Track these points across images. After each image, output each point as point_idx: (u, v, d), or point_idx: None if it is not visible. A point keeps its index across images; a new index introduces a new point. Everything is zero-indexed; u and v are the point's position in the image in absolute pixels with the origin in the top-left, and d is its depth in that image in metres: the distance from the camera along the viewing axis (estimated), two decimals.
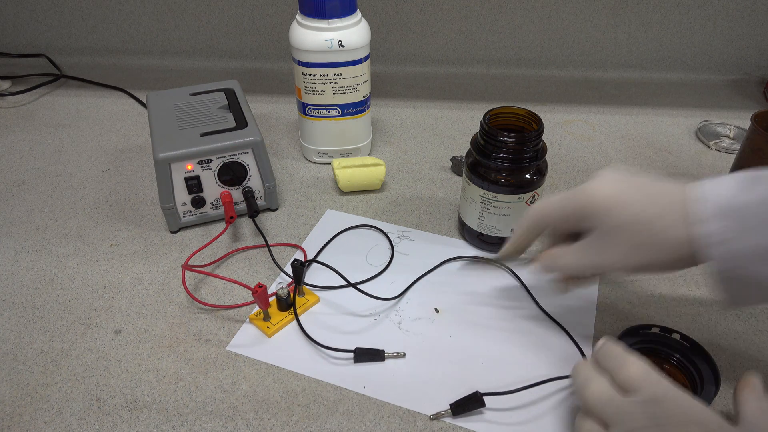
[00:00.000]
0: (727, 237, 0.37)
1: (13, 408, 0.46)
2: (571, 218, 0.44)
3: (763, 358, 0.50)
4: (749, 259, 0.37)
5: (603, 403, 0.37)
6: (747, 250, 0.37)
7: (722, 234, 0.37)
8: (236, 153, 0.61)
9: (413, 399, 0.46)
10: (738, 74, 0.99)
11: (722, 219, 0.38)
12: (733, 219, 0.37)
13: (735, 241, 0.37)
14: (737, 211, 0.37)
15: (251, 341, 0.52)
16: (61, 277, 0.59)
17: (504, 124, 0.58)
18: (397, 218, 0.66)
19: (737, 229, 0.37)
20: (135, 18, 1.02)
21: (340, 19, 0.65)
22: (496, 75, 1.00)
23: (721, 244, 0.37)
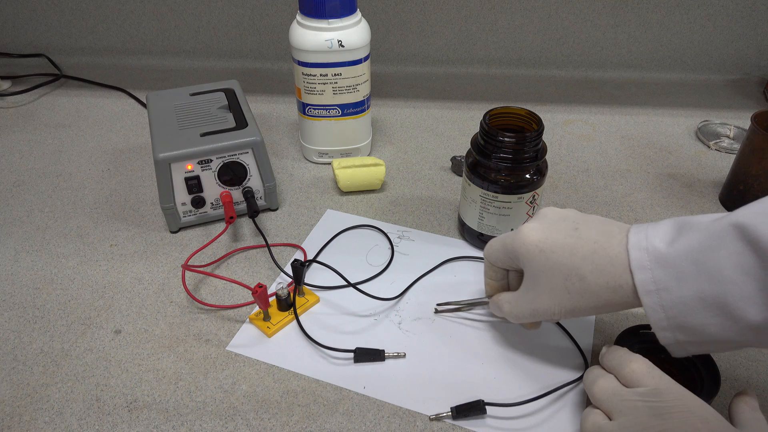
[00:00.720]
0: (664, 285, 0.37)
1: (13, 408, 0.46)
2: (510, 260, 0.46)
3: (763, 358, 0.50)
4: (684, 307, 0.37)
5: (608, 395, 0.39)
6: (682, 298, 0.36)
7: (659, 282, 0.37)
8: (236, 153, 0.61)
9: (413, 399, 0.46)
10: (738, 74, 0.99)
11: (657, 267, 0.37)
12: (666, 268, 0.37)
13: (671, 290, 0.37)
14: (670, 261, 0.37)
15: (251, 341, 0.52)
16: (61, 277, 0.59)
17: (504, 124, 0.58)
18: (397, 218, 0.66)
19: (671, 277, 0.37)
20: (135, 18, 1.02)
21: (340, 19, 0.65)
22: (496, 75, 1.00)
23: (659, 292, 0.37)
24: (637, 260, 0.38)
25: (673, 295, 0.37)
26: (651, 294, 0.38)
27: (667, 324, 0.38)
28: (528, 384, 0.48)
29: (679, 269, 0.37)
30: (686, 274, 0.36)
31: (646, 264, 0.38)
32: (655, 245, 0.38)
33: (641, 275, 0.38)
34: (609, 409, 0.39)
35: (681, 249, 0.37)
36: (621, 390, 0.39)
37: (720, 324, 0.36)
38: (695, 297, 0.36)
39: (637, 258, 0.38)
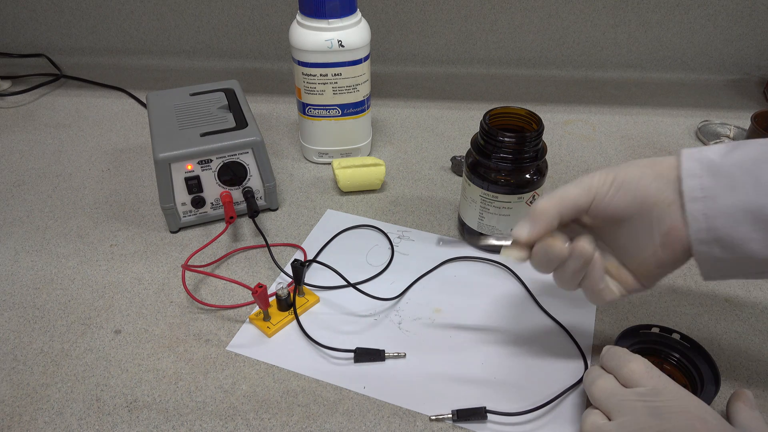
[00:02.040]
0: (711, 194, 0.37)
1: (13, 408, 0.46)
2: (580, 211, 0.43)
3: (763, 358, 0.50)
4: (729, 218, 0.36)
5: (607, 395, 0.39)
6: (729, 209, 0.36)
7: (707, 189, 0.37)
8: (236, 153, 0.61)
9: (413, 399, 0.46)
10: (738, 74, 0.99)
11: (707, 174, 0.37)
12: (718, 176, 0.37)
13: (718, 199, 0.37)
14: (723, 170, 0.37)
15: (251, 341, 0.52)
16: (61, 277, 0.59)
17: (504, 124, 0.58)
18: (397, 218, 0.66)
19: (722, 186, 0.37)
20: (135, 18, 1.02)
21: (340, 19, 0.65)
22: (496, 75, 1.00)
23: (705, 200, 0.37)
24: (688, 168, 0.38)
25: (720, 203, 0.36)
26: (696, 201, 0.37)
27: (706, 236, 0.37)
28: (528, 384, 0.48)
29: (730, 178, 0.36)
30: (737, 183, 0.36)
31: (697, 172, 0.38)
32: (708, 156, 0.38)
33: (690, 182, 0.38)
34: (608, 410, 0.39)
35: (734, 159, 0.37)
36: (620, 390, 0.39)
37: (763, 240, 0.36)
38: (743, 208, 0.36)
39: (688, 166, 0.38)
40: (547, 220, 0.42)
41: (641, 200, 0.40)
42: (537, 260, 0.43)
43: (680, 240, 0.39)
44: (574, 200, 0.42)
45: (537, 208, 0.42)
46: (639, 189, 0.40)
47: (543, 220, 0.42)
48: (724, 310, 0.54)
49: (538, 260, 0.43)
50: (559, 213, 0.42)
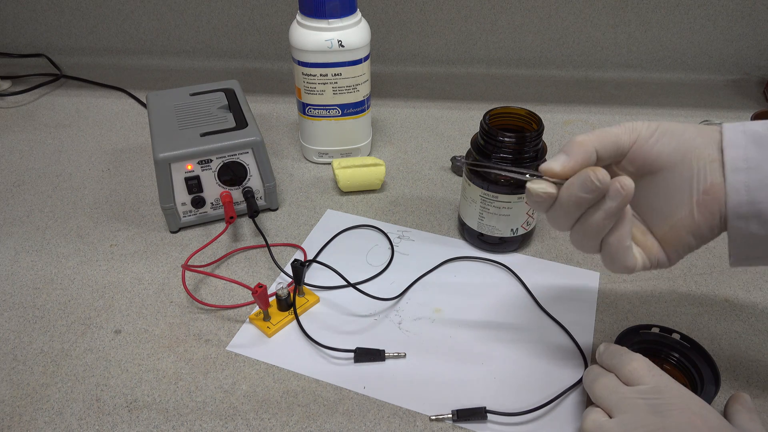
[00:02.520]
0: (756, 164, 0.35)
1: (13, 408, 0.46)
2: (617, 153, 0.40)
3: (763, 358, 0.50)
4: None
5: (608, 392, 0.39)
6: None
7: (751, 160, 0.36)
8: (236, 153, 0.61)
9: (413, 399, 0.46)
10: (738, 74, 0.99)
11: (752, 145, 0.36)
12: (763, 147, 0.35)
13: (763, 170, 0.35)
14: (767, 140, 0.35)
15: (251, 341, 0.52)
16: (61, 277, 0.59)
17: (504, 124, 0.58)
18: (397, 218, 0.66)
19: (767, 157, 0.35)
20: (135, 18, 1.02)
21: (340, 19, 0.65)
22: (496, 75, 1.00)
23: (749, 171, 0.35)
24: (730, 138, 0.37)
25: (765, 175, 0.35)
26: (739, 172, 0.36)
27: (746, 210, 0.36)
28: (528, 384, 0.48)
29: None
30: None
31: (741, 142, 0.36)
32: (753, 128, 0.36)
33: (732, 152, 0.36)
34: (609, 407, 0.39)
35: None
36: (621, 388, 0.39)
37: None
38: None
39: (731, 137, 0.37)
40: (585, 153, 0.38)
41: (685, 150, 0.37)
42: (568, 196, 0.37)
43: (719, 202, 0.37)
44: (615, 138, 0.39)
45: (576, 140, 0.38)
46: (683, 139, 0.38)
47: (581, 152, 0.38)
48: (724, 310, 0.54)
49: (569, 196, 0.37)
50: (598, 148, 0.38)
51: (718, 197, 0.36)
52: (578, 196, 0.37)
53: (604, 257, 0.39)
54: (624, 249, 0.38)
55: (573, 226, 0.39)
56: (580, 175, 0.36)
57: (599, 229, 0.37)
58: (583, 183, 0.36)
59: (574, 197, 0.37)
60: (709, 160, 0.37)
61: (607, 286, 0.57)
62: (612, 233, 0.38)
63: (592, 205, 0.37)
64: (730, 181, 0.36)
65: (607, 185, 0.36)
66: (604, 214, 0.36)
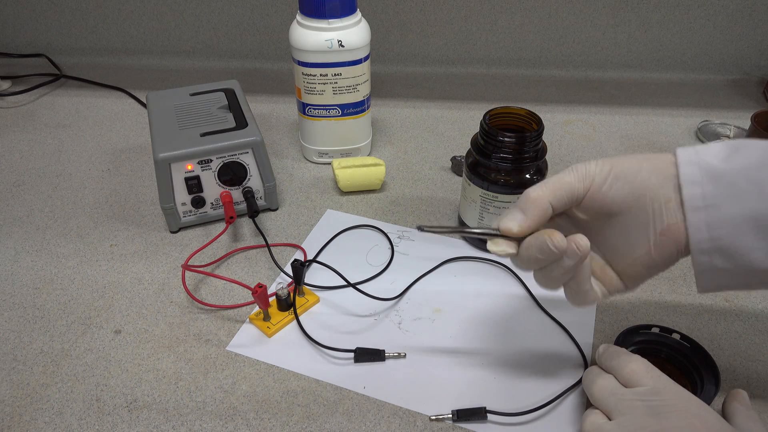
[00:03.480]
0: (714, 202, 0.35)
1: (13, 408, 0.46)
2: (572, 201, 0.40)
3: (763, 358, 0.50)
4: (732, 227, 0.35)
5: (607, 394, 0.39)
6: (732, 218, 0.35)
7: (708, 198, 0.36)
8: (236, 153, 0.61)
9: (413, 399, 0.46)
10: (738, 74, 0.99)
11: (708, 181, 0.36)
12: (720, 184, 0.35)
13: (721, 207, 0.35)
14: (725, 177, 0.35)
15: (251, 341, 0.52)
16: (61, 277, 0.59)
17: (504, 124, 0.58)
18: (397, 218, 0.66)
19: (724, 194, 0.35)
20: (135, 18, 1.02)
21: (340, 19, 0.65)
22: (496, 75, 1.00)
23: (707, 209, 0.36)
24: (687, 174, 0.36)
25: (723, 213, 0.35)
26: (698, 211, 0.36)
27: (707, 246, 0.36)
28: (528, 384, 0.48)
29: (733, 186, 0.35)
30: (741, 191, 0.35)
31: (697, 178, 0.36)
32: (708, 161, 0.36)
33: (690, 190, 0.36)
34: (608, 409, 0.39)
35: (737, 165, 0.35)
36: (620, 390, 0.39)
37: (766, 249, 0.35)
38: (747, 216, 0.34)
39: (687, 173, 0.36)
40: (541, 209, 0.38)
41: (639, 194, 0.38)
42: (527, 255, 0.39)
43: (676, 240, 0.37)
44: (569, 188, 0.39)
45: (530, 196, 0.39)
46: (637, 182, 0.38)
47: (537, 209, 0.38)
48: (724, 310, 0.54)
49: (529, 255, 0.39)
50: (552, 202, 0.39)
51: (675, 236, 0.37)
52: (537, 257, 0.38)
53: (567, 295, 0.42)
54: (584, 291, 0.40)
55: (536, 272, 0.41)
56: (537, 237, 0.38)
57: (560, 278, 0.40)
58: (541, 248, 0.38)
59: (533, 257, 0.39)
60: (664, 200, 0.37)
61: None
62: (572, 279, 0.40)
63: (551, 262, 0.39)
64: (691, 220, 0.36)
65: (563, 249, 0.37)
66: (563, 270, 0.38)
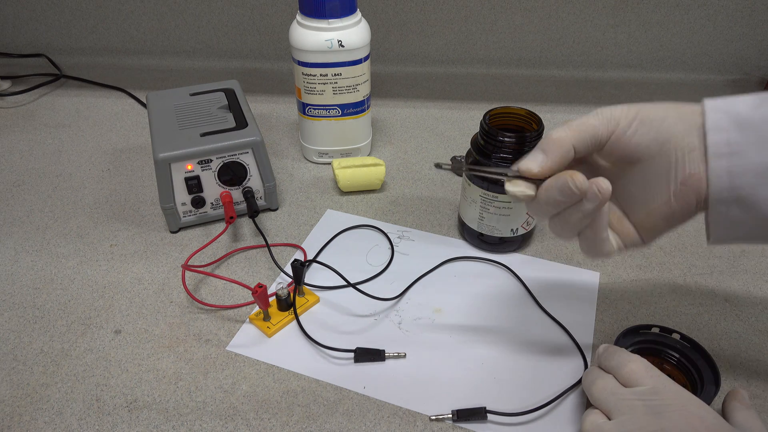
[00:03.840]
0: (738, 149, 0.35)
1: (13, 408, 0.46)
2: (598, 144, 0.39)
3: (763, 358, 0.50)
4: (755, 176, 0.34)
5: (606, 394, 0.39)
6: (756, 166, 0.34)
7: (733, 144, 0.35)
8: (236, 153, 0.61)
9: (413, 399, 0.46)
10: (738, 74, 0.99)
11: (735, 128, 0.35)
12: (747, 132, 0.35)
13: (746, 155, 0.34)
14: (753, 125, 0.34)
15: (251, 341, 0.52)
16: (61, 277, 0.59)
17: (504, 124, 0.58)
18: (397, 218, 0.66)
19: (750, 141, 0.34)
20: (135, 18, 1.02)
21: (340, 19, 0.65)
22: (496, 75, 1.00)
23: (731, 156, 0.35)
24: (714, 121, 0.35)
25: (747, 161, 0.34)
26: (721, 157, 0.35)
27: (727, 195, 0.35)
28: (528, 384, 0.48)
29: (760, 133, 0.34)
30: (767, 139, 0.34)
31: (724, 125, 0.35)
32: (737, 108, 0.35)
33: (715, 136, 0.35)
34: (608, 409, 0.39)
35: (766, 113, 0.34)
36: (619, 390, 0.39)
37: None
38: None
39: (714, 119, 0.35)
40: (563, 150, 0.37)
41: (664, 140, 0.37)
42: (546, 197, 0.38)
43: (697, 190, 0.36)
44: (593, 131, 0.38)
45: (552, 137, 0.38)
46: (663, 128, 0.37)
47: (559, 149, 0.37)
48: (724, 310, 0.54)
49: (548, 197, 0.37)
50: (575, 144, 0.38)
51: (696, 187, 0.36)
52: (556, 199, 0.37)
53: (582, 245, 0.40)
54: (601, 240, 0.39)
55: (552, 218, 0.40)
56: (558, 178, 0.37)
57: (577, 224, 0.38)
58: (562, 188, 0.36)
59: (552, 199, 0.37)
60: (688, 149, 0.36)
61: (607, 285, 0.57)
62: (589, 227, 0.39)
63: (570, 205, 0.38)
64: (713, 167, 0.35)
65: (585, 190, 0.36)
66: (582, 214, 0.37)
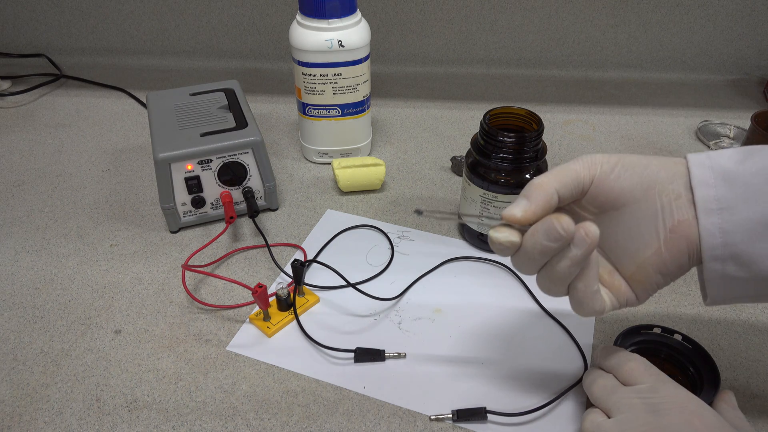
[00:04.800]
0: (728, 205, 0.34)
1: (13, 408, 0.46)
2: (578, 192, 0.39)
3: (763, 358, 0.50)
4: (748, 232, 0.34)
5: (606, 393, 0.40)
6: (748, 222, 0.34)
7: (722, 200, 0.34)
8: (236, 153, 0.61)
9: (413, 399, 0.46)
10: (738, 74, 0.99)
11: (722, 184, 0.34)
12: (734, 186, 0.34)
13: (736, 211, 0.34)
14: (741, 179, 0.34)
15: (251, 341, 0.52)
16: (61, 277, 0.59)
17: (504, 124, 0.58)
18: (397, 218, 0.66)
19: (739, 197, 0.34)
20: (135, 18, 1.02)
21: (340, 19, 0.65)
22: (496, 75, 1.00)
23: (722, 212, 0.34)
24: (699, 177, 0.35)
25: (738, 216, 0.34)
26: (711, 214, 0.34)
27: (721, 252, 0.34)
28: (528, 384, 0.48)
29: (749, 188, 0.33)
30: (757, 193, 0.33)
31: (710, 180, 0.34)
32: (721, 163, 0.35)
33: (703, 191, 0.34)
34: (607, 407, 0.39)
35: (752, 168, 0.34)
36: (619, 388, 0.39)
37: None
38: (763, 221, 0.33)
39: (699, 175, 0.35)
40: (546, 196, 0.36)
41: (648, 185, 0.36)
42: (532, 243, 0.36)
43: (688, 238, 0.35)
44: (575, 175, 0.37)
45: (534, 183, 0.37)
46: (646, 174, 0.36)
47: (542, 195, 0.36)
48: (724, 310, 0.54)
49: (534, 243, 0.36)
50: (558, 189, 0.37)
51: (687, 235, 0.35)
52: (543, 245, 0.35)
53: (572, 302, 0.39)
54: (591, 294, 0.37)
55: (539, 271, 0.38)
56: (544, 222, 0.35)
57: (565, 275, 0.36)
58: (548, 232, 0.35)
59: (538, 245, 0.36)
60: (674, 196, 0.35)
61: None
62: (579, 279, 0.37)
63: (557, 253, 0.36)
64: (704, 224, 0.34)
65: (572, 233, 0.35)
66: (570, 262, 0.35)
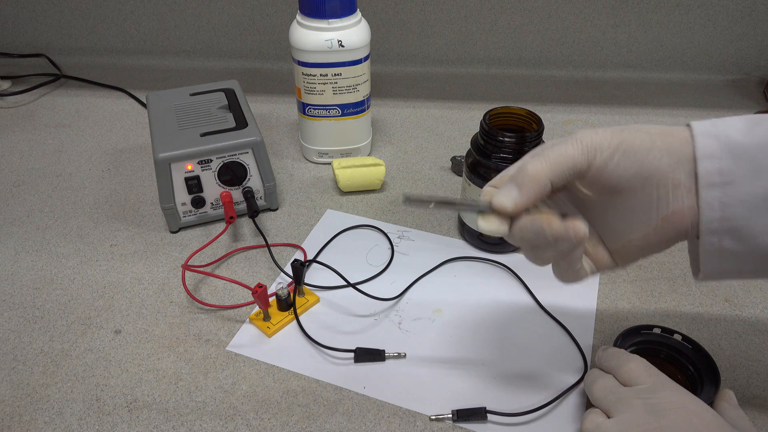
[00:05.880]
0: (731, 179, 0.33)
1: (13, 408, 0.46)
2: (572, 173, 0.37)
3: (763, 358, 0.50)
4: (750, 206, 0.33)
5: (606, 393, 0.40)
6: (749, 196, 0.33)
7: (725, 174, 0.33)
8: (236, 153, 0.61)
9: (413, 399, 0.46)
10: (738, 74, 0.99)
11: (727, 156, 0.33)
12: (741, 159, 0.33)
13: (739, 185, 0.33)
14: (746, 151, 0.32)
15: (251, 341, 0.52)
16: (61, 277, 0.59)
17: (504, 124, 0.58)
18: (397, 218, 0.66)
19: (743, 170, 0.33)
20: (135, 18, 1.02)
21: (340, 19, 0.65)
22: (496, 75, 1.00)
23: (724, 186, 0.33)
24: (704, 147, 0.33)
25: (741, 190, 0.32)
26: (713, 187, 0.33)
27: (718, 226, 0.34)
28: (529, 384, 0.48)
29: (754, 162, 0.32)
30: (762, 168, 0.32)
31: (715, 152, 0.33)
32: (728, 133, 0.33)
33: (707, 165, 0.33)
34: (607, 408, 0.39)
35: (759, 139, 0.32)
36: (619, 388, 0.40)
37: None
38: (766, 196, 0.32)
39: (705, 145, 0.33)
40: (539, 186, 0.35)
41: (647, 175, 0.35)
42: (522, 236, 0.36)
43: (678, 227, 0.35)
44: (572, 162, 0.35)
45: (528, 171, 0.35)
46: (647, 161, 0.34)
47: (534, 185, 0.35)
48: (724, 310, 0.54)
49: (522, 236, 0.36)
50: (552, 179, 0.35)
51: (677, 223, 0.35)
52: (530, 239, 0.36)
53: (555, 272, 0.39)
54: (574, 271, 0.38)
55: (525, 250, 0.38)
56: (534, 222, 0.35)
57: (550, 260, 0.37)
58: (537, 233, 0.35)
59: (526, 240, 0.36)
60: (672, 186, 0.34)
61: (607, 286, 0.57)
62: (564, 260, 0.37)
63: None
64: (704, 198, 0.34)
65: (560, 237, 0.34)
66: (556, 253, 0.36)
